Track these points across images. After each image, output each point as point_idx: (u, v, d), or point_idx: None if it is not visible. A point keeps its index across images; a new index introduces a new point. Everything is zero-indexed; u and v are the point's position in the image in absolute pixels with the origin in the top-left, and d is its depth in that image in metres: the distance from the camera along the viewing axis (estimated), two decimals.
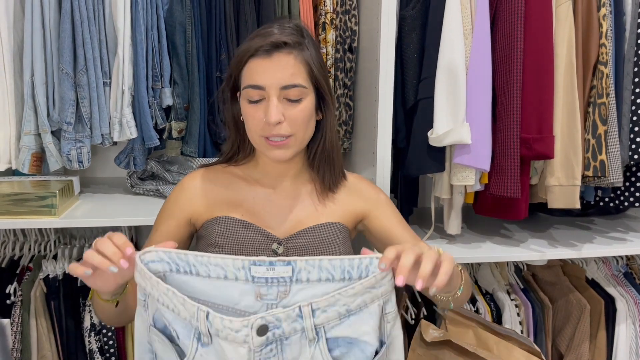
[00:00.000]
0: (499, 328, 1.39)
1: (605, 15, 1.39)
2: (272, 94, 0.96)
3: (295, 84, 0.97)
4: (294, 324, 0.79)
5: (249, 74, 0.99)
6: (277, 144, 0.99)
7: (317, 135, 1.08)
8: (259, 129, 0.99)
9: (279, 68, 0.97)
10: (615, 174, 1.40)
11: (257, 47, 0.97)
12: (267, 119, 0.96)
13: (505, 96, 1.36)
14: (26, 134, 1.38)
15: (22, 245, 1.68)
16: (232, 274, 0.81)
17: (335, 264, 0.81)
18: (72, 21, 1.32)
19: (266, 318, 0.77)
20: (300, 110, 0.99)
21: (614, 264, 1.81)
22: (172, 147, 1.57)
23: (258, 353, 0.78)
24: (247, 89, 0.98)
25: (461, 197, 1.50)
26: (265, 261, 0.81)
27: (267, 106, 0.97)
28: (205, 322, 0.77)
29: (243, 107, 1.02)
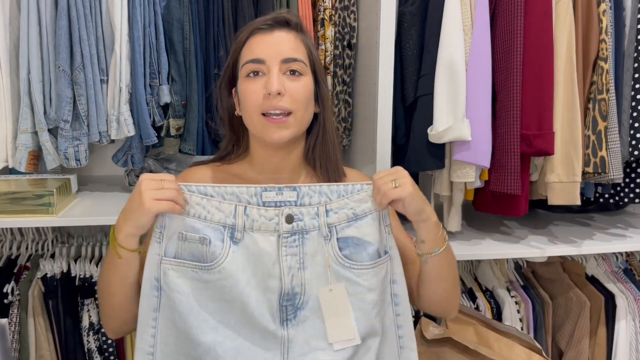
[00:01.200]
0: (499, 325, 1.39)
1: (605, 11, 1.38)
2: (273, 65, 0.95)
3: (297, 58, 0.97)
4: (312, 220, 0.92)
5: (249, 50, 0.97)
6: (276, 121, 0.95)
7: (315, 128, 1.05)
8: (258, 104, 0.96)
9: (281, 42, 0.96)
10: (615, 170, 1.40)
11: (259, 24, 0.97)
12: (268, 88, 0.94)
13: (505, 92, 1.35)
14: (23, 132, 1.36)
15: (19, 244, 1.67)
16: (245, 200, 0.91)
17: (332, 189, 0.94)
18: (69, 18, 1.31)
19: (292, 209, 0.91)
20: (302, 85, 0.97)
21: (613, 260, 1.81)
22: (170, 144, 1.56)
23: (285, 240, 0.91)
24: (247, 64, 0.97)
25: (461, 194, 1.50)
26: (275, 187, 0.92)
27: (268, 78, 0.95)
28: (243, 215, 0.90)
29: (241, 86, 0.99)
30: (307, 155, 1.07)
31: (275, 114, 0.95)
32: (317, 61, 1.03)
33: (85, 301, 1.51)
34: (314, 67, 1.01)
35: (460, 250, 1.49)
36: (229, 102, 1.07)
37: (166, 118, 1.49)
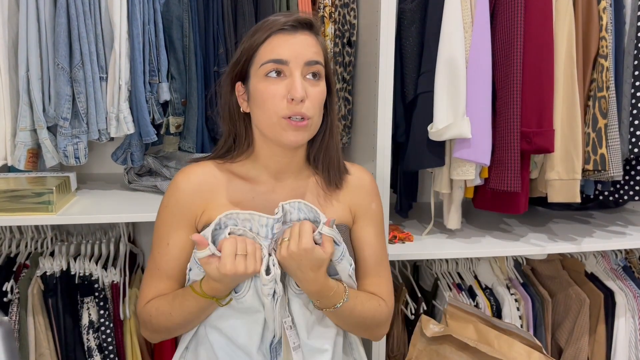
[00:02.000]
0: (499, 322, 1.39)
1: (605, 8, 1.38)
2: (295, 69, 0.94)
3: (318, 61, 0.96)
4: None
5: (270, 49, 0.95)
6: (296, 124, 0.94)
7: (321, 130, 1.04)
8: (280, 108, 0.94)
9: (304, 44, 0.95)
10: (615, 167, 1.40)
11: (282, 23, 0.95)
12: (292, 93, 0.92)
13: (505, 90, 1.35)
14: (22, 129, 1.36)
15: (18, 243, 1.66)
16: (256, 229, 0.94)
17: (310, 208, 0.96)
18: (68, 15, 1.31)
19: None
20: (320, 91, 0.97)
21: (613, 257, 1.82)
22: (169, 142, 1.56)
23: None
24: (268, 64, 0.94)
25: (461, 191, 1.50)
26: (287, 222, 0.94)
27: (291, 82, 0.93)
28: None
29: (259, 86, 0.96)
30: (310, 157, 1.07)
31: (296, 118, 0.94)
32: (330, 66, 1.02)
33: (85, 299, 1.50)
34: (327, 72, 1.01)
35: (460, 248, 1.49)
36: (231, 97, 1.04)
37: (166, 116, 1.49)
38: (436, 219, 1.62)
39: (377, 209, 1.11)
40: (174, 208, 1.01)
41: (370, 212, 1.09)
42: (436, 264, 1.73)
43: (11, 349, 0.56)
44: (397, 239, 1.51)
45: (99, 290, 1.51)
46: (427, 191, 1.94)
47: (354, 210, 1.08)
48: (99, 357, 1.50)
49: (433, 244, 1.52)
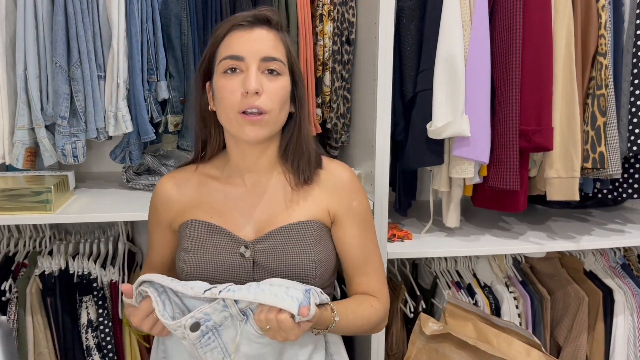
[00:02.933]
0: (498, 321, 1.40)
1: (604, 6, 1.38)
2: (251, 63, 0.94)
3: (276, 57, 0.95)
4: (222, 314, 0.89)
5: (228, 46, 0.96)
6: (253, 119, 0.94)
7: (290, 127, 1.04)
8: (236, 102, 0.94)
9: (260, 40, 0.95)
10: (614, 165, 1.40)
11: (239, 20, 0.96)
12: (246, 86, 0.92)
13: (504, 88, 1.35)
14: (20, 128, 1.36)
15: (17, 242, 1.66)
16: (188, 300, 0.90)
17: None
18: (66, 13, 1.30)
19: (196, 316, 0.88)
20: (279, 86, 0.96)
21: (611, 255, 1.82)
22: (168, 141, 1.55)
23: (198, 343, 0.89)
24: (225, 60, 0.95)
25: (460, 189, 1.50)
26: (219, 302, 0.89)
27: (246, 76, 0.94)
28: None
29: (218, 83, 0.97)
30: (281, 153, 1.06)
31: (251, 111, 0.94)
32: (295, 61, 1.01)
33: (84, 298, 1.50)
34: (291, 67, 1.00)
35: (459, 246, 1.49)
36: (202, 97, 1.04)
37: (164, 114, 1.48)
38: (435, 217, 1.62)
39: (360, 206, 1.07)
40: (152, 210, 1.11)
41: (351, 211, 1.06)
42: (435, 262, 1.73)
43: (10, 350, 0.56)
44: (396, 237, 1.51)
45: (97, 289, 1.51)
46: (426, 189, 1.94)
47: (334, 211, 1.05)
48: (97, 356, 1.50)
49: (432, 242, 1.52)
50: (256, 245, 0.99)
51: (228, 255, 0.99)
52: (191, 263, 0.99)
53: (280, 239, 0.99)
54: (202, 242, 1.00)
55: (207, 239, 1.00)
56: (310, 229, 1.01)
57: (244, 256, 0.98)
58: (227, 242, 1.00)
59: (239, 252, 0.99)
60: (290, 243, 0.99)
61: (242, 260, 0.98)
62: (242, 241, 1.00)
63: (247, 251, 0.98)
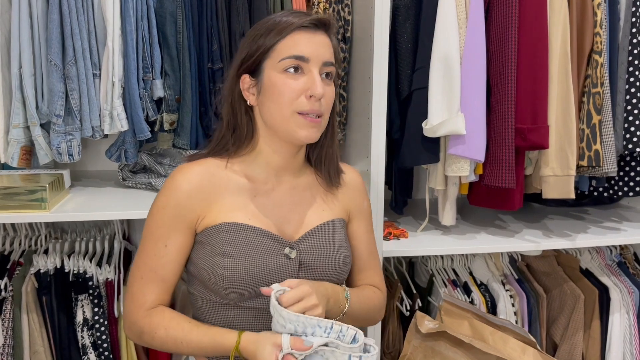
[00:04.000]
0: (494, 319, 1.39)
1: (599, 4, 1.38)
2: (314, 66, 0.95)
3: (333, 62, 0.99)
4: None
5: (292, 45, 0.95)
6: (312, 121, 0.95)
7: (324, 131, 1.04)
8: (297, 103, 0.94)
9: (323, 44, 0.97)
10: (610, 163, 1.40)
11: (303, 21, 0.96)
12: (313, 90, 0.93)
13: (500, 86, 1.35)
14: (15, 127, 1.35)
15: (12, 240, 1.66)
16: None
17: None
18: (60, 11, 1.30)
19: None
20: (332, 90, 1.00)
21: (607, 253, 1.82)
22: (163, 139, 1.55)
23: None
24: (289, 59, 0.94)
25: (456, 188, 1.50)
26: None
27: (311, 79, 0.94)
28: None
29: (275, 80, 0.95)
30: (312, 156, 1.08)
31: (312, 115, 0.95)
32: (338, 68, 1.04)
33: (79, 297, 1.50)
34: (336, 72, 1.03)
35: (455, 244, 1.49)
36: (235, 89, 1.01)
37: (160, 113, 1.48)
38: (431, 216, 1.62)
39: (368, 207, 1.17)
40: (173, 209, 0.98)
41: (363, 210, 1.15)
42: (431, 261, 1.73)
43: None
44: (392, 235, 1.51)
45: (93, 287, 1.51)
46: (422, 188, 1.94)
47: (349, 208, 1.13)
48: (93, 354, 1.50)
49: (428, 240, 1.52)
50: (299, 244, 1.00)
51: (273, 258, 0.97)
52: (235, 268, 0.94)
53: (319, 237, 1.03)
54: (245, 245, 0.96)
55: (250, 241, 0.97)
56: (339, 226, 1.07)
57: (289, 257, 0.98)
58: (271, 244, 0.98)
59: (283, 253, 0.98)
60: (328, 241, 1.03)
61: (287, 262, 0.98)
62: (285, 242, 0.99)
63: (292, 252, 0.99)
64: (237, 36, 1.43)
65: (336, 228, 1.06)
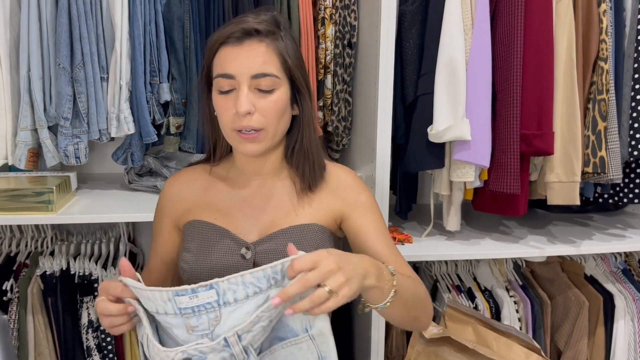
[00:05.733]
0: (498, 325, 1.39)
1: (605, 11, 1.38)
2: (242, 82, 0.92)
3: (267, 73, 0.93)
4: (221, 354, 0.78)
5: (219, 63, 0.95)
6: (248, 137, 0.94)
7: (294, 131, 1.03)
8: (230, 121, 0.95)
9: (250, 56, 0.93)
10: (615, 170, 1.40)
11: (228, 35, 0.93)
12: (237, 109, 0.92)
13: (505, 92, 1.35)
14: (22, 129, 1.36)
15: (18, 242, 1.67)
16: (161, 308, 0.79)
17: (258, 275, 0.78)
18: (69, 15, 1.31)
19: (188, 352, 0.76)
20: (272, 101, 0.94)
21: (612, 260, 1.81)
22: (170, 143, 1.56)
23: None
24: (218, 78, 0.95)
25: (460, 193, 1.50)
26: (187, 289, 0.77)
27: (237, 96, 0.93)
28: (146, 345, 0.81)
29: (214, 99, 0.97)
30: (286, 156, 1.06)
31: (247, 130, 0.94)
32: (295, 65, 0.98)
33: (85, 299, 1.51)
34: (290, 74, 0.97)
35: (459, 250, 1.49)
36: (208, 102, 1.03)
37: (166, 116, 1.49)
38: (436, 221, 1.62)
39: (368, 200, 1.06)
40: (159, 209, 1.12)
41: (360, 204, 1.05)
42: (435, 266, 1.73)
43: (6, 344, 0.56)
44: (397, 240, 1.51)
45: (98, 289, 1.51)
46: (426, 193, 1.94)
47: (339, 211, 1.05)
48: (98, 356, 1.51)
49: (432, 245, 1.52)
50: (257, 246, 0.99)
51: (229, 257, 0.99)
52: (192, 263, 0.99)
53: (282, 241, 0.99)
54: (204, 242, 1.01)
55: (209, 239, 1.01)
56: (312, 232, 1.01)
57: (244, 257, 0.99)
58: (229, 243, 1.00)
59: (239, 253, 0.99)
60: None
61: (242, 262, 0.98)
62: (243, 242, 1.00)
63: (247, 252, 0.99)
64: None
65: (307, 233, 1.00)
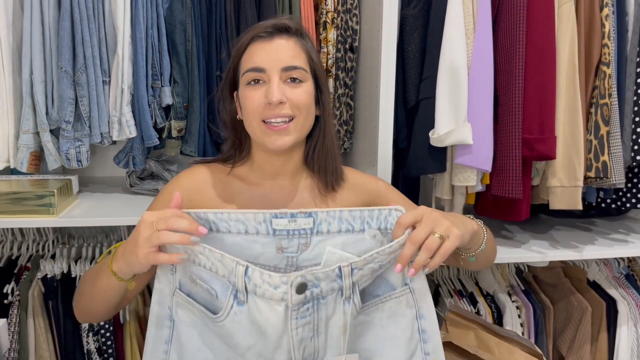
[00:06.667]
0: (500, 330, 1.39)
1: (607, 15, 1.38)
2: (273, 74, 0.95)
3: (297, 66, 0.97)
4: (332, 284, 0.79)
5: (249, 58, 0.97)
6: (277, 129, 0.96)
7: (315, 131, 1.05)
8: (259, 112, 0.96)
9: (280, 49, 0.96)
10: (618, 175, 1.39)
11: (257, 31, 0.97)
12: (269, 98, 0.94)
13: (507, 96, 1.35)
14: (24, 132, 1.37)
15: (20, 245, 1.67)
16: (252, 228, 0.82)
17: (355, 214, 0.83)
18: (72, 19, 1.31)
19: (306, 277, 0.76)
20: (303, 91, 0.97)
21: (615, 265, 1.81)
22: (171, 146, 1.56)
23: (295, 312, 0.77)
24: (248, 72, 0.97)
25: (462, 197, 1.49)
26: (287, 213, 0.81)
27: (269, 87, 0.95)
28: (243, 277, 0.77)
29: (242, 94, 0.99)
30: (307, 158, 1.08)
31: (276, 121, 0.96)
32: (318, 66, 1.03)
33: None
34: (314, 72, 1.02)
35: None
36: (231, 105, 1.07)
37: (168, 120, 1.49)
38: None
39: (386, 184, 1.16)
40: (167, 196, 1.02)
41: (382, 189, 1.14)
42: (437, 270, 1.72)
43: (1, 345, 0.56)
44: None
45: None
46: (428, 197, 1.93)
47: (364, 202, 1.10)
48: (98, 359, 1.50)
49: None
50: None
51: None
52: None
53: None
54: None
55: None
56: None
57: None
58: None
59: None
60: None
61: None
62: None
63: None
64: None
65: None
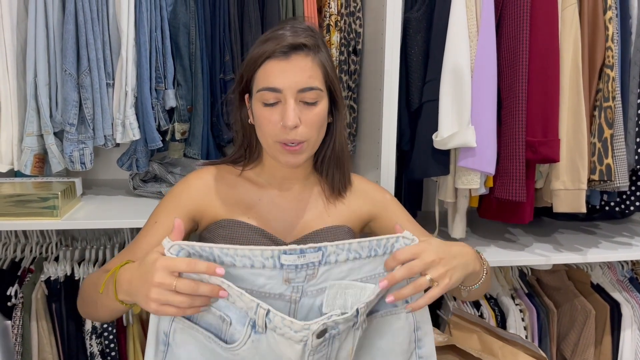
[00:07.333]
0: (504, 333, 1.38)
1: (611, 18, 1.38)
2: (289, 96, 0.94)
3: (313, 87, 0.96)
4: (349, 323, 0.82)
5: (265, 76, 0.96)
6: (291, 149, 0.97)
7: (327, 139, 1.06)
8: (274, 133, 0.96)
9: (297, 70, 0.95)
10: (621, 178, 1.39)
11: (274, 49, 0.95)
12: (285, 122, 0.93)
13: (511, 99, 1.35)
14: (28, 135, 1.37)
15: (23, 247, 1.67)
16: (259, 263, 0.81)
17: (363, 245, 0.85)
18: (76, 22, 1.32)
19: (327, 324, 0.79)
20: (316, 114, 0.97)
21: (619, 269, 1.80)
22: (175, 149, 1.56)
23: (312, 350, 0.80)
24: (263, 91, 0.96)
25: (466, 200, 1.49)
26: (296, 250, 0.82)
27: (284, 109, 0.94)
28: (264, 318, 0.78)
29: (257, 110, 0.99)
30: (317, 164, 1.10)
31: (291, 145, 0.97)
32: (334, 79, 1.02)
33: None
34: (329, 85, 1.01)
35: None
36: (242, 110, 1.07)
37: (171, 122, 1.49)
38: (441, 228, 1.61)
39: (392, 198, 1.17)
40: (177, 196, 1.04)
41: (388, 202, 1.15)
42: None
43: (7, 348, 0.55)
44: None
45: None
46: (431, 200, 1.93)
47: (370, 211, 1.12)
48: None
49: None
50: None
51: None
52: None
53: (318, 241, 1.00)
54: (239, 243, 0.99)
55: (246, 240, 1.00)
56: (342, 233, 1.06)
57: None
58: (266, 243, 1.01)
59: None
60: None
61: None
62: (281, 242, 1.01)
63: None
64: (249, 47, 1.44)
65: (337, 234, 1.05)
